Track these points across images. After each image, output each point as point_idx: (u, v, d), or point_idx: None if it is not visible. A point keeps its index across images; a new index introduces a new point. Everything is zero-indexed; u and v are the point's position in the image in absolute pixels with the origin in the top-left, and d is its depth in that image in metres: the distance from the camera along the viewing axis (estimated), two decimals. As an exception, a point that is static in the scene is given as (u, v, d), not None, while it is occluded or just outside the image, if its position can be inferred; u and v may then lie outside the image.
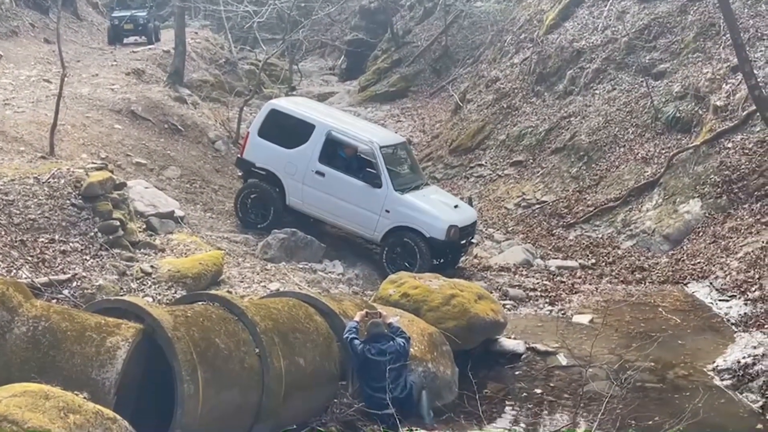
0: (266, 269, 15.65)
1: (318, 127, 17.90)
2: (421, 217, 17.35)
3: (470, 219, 18.37)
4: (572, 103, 25.43)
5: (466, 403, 10.91)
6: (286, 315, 10.40)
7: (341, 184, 17.63)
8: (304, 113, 18.44)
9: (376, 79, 39.07)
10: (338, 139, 17.92)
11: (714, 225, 18.72)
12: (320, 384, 10.46)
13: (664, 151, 21.56)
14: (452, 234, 17.26)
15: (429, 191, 18.66)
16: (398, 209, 17.39)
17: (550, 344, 14.47)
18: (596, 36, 26.43)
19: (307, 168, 17.77)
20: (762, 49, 21.51)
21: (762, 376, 12.73)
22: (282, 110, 18.54)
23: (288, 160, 17.98)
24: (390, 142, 18.92)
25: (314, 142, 17.79)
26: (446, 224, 17.25)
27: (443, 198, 18.77)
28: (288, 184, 18.00)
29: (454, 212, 17.96)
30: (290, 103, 19.64)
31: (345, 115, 21.79)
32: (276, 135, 18.15)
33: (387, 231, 17.45)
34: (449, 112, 31.50)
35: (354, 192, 17.55)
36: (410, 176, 19.00)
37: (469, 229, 18.21)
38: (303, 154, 17.85)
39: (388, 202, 17.38)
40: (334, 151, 17.93)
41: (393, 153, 18.89)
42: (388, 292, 13.78)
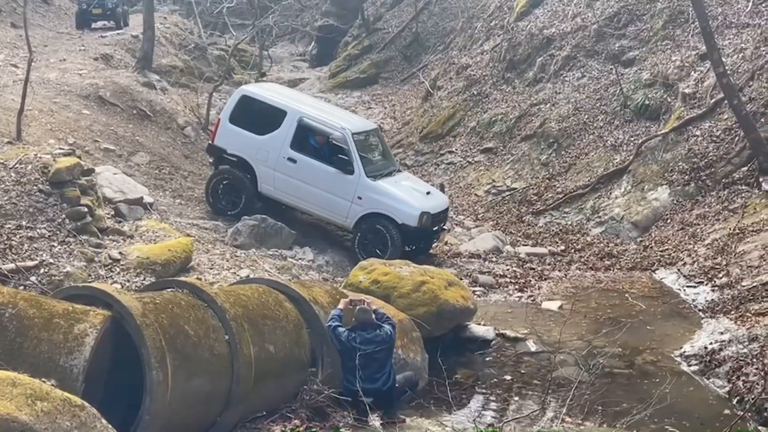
0: (236, 256, 15.59)
1: (289, 113, 17.79)
2: (393, 204, 17.30)
3: (442, 206, 18.34)
4: (542, 91, 25.51)
5: (436, 389, 10.95)
6: (255, 302, 10.35)
7: (313, 171, 17.54)
8: (275, 99, 18.32)
9: (346, 65, 39.02)
10: (310, 126, 17.79)
11: (682, 212, 18.87)
12: (290, 371, 10.43)
13: (633, 139, 21.69)
14: (424, 221, 17.22)
15: (401, 178, 18.60)
16: (370, 196, 17.33)
17: (519, 330, 14.54)
18: (566, 23, 26.51)
19: (279, 154, 17.68)
20: (730, 37, 21.67)
21: (728, 362, 12.85)
22: (253, 96, 18.43)
23: (259, 147, 17.88)
24: (362, 128, 18.79)
25: (286, 129, 17.70)
26: (418, 211, 17.20)
27: (415, 185, 18.69)
28: (260, 171, 17.90)
29: (426, 199, 17.88)
30: (262, 89, 19.51)
31: (317, 102, 21.66)
32: (247, 121, 18.03)
33: (359, 218, 17.39)
34: (420, 99, 31.50)
35: (326, 178, 17.46)
36: (382, 163, 18.92)
37: (441, 215, 18.18)
38: (274, 141, 17.76)
39: (360, 188, 17.33)
40: (305, 137, 17.83)
41: (365, 139, 18.77)
42: (359, 278, 13.78)
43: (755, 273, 15.23)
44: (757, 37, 21.02)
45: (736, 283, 15.27)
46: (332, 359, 10.68)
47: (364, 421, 10.16)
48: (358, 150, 17.65)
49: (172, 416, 8.68)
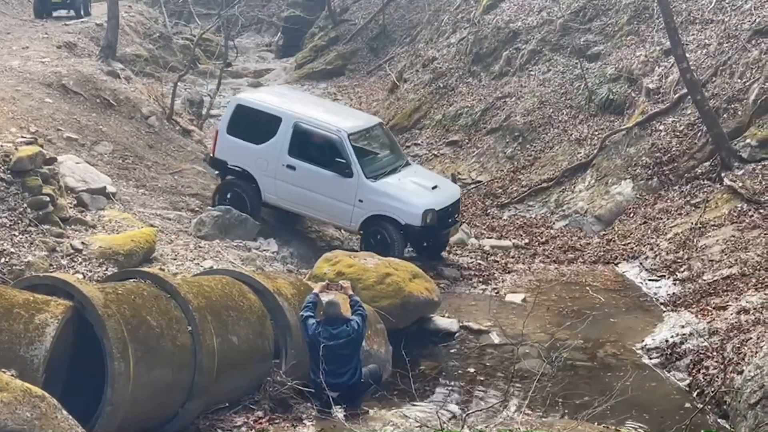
0: (200, 247, 15.51)
1: (284, 119, 17.19)
2: (394, 204, 16.61)
3: (450, 198, 17.48)
4: (508, 84, 25.58)
5: (400, 381, 10.95)
6: (219, 293, 10.32)
7: (313, 177, 16.94)
8: (270, 106, 17.72)
9: (313, 56, 38.87)
10: (306, 130, 17.13)
11: (645, 206, 19.02)
12: (253, 362, 10.41)
13: (597, 133, 21.83)
14: (429, 219, 16.52)
15: (407, 173, 17.67)
16: (371, 198, 16.67)
17: (483, 323, 14.62)
18: (532, 17, 26.59)
19: (278, 162, 17.09)
20: (694, 33, 21.85)
21: (689, 355, 13.00)
22: (248, 104, 17.85)
23: (258, 156, 17.32)
24: (361, 126, 18.09)
25: (282, 135, 17.10)
26: (421, 209, 16.50)
27: (421, 179, 17.69)
28: (262, 181, 17.35)
29: (430, 194, 17.10)
30: (256, 96, 18.99)
31: (318, 102, 20.95)
32: (245, 131, 17.48)
33: (363, 221, 16.76)
34: (386, 91, 31.47)
35: (326, 183, 16.85)
36: (386, 160, 18.06)
37: (450, 209, 17.34)
38: (272, 149, 17.19)
39: (361, 191, 16.68)
40: (303, 142, 17.17)
41: (366, 137, 18.22)
42: (323, 270, 13.78)
43: (716, 267, 15.40)
44: (721, 33, 21.20)
45: (697, 277, 15.43)
46: (296, 350, 10.67)
47: (327, 413, 10.17)
48: (358, 150, 17.06)
49: (133, 407, 8.66)
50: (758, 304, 13.12)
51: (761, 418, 10.51)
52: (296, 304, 11.02)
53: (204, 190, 19.18)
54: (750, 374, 11.22)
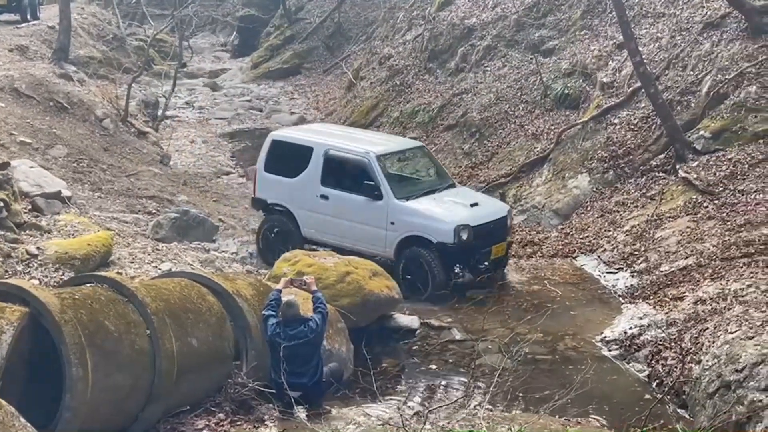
0: (158, 249, 15.39)
1: (315, 148, 16.75)
2: (424, 222, 15.75)
3: (492, 215, 16.37)
4: (464, 80, 25.68)
5: (361, 379, 10.94)
6: (177, 295, 10.25)
7: (345, 204, 16.42)
8: (302, 137, 17.45)
9: (269, 55, 38.83)
10: (337, 157, 16.68)
11: (601, 199, 19.16)
12: (214, 364, 10.35)
13: (553, 127, 21.97)
14: (464, 235, 15.42)
15: (447, 193, 16.80)
16: (401, 218, 15.89)
17: (443, 319, 14.64)
18: (487, 13, 26.72)
19: (313, 194, 16.67)
20: (647, 26, 22.06)
21: (648, 346, 13.11)
22: (283, 139, 17.57)
23: (294, 190, 16.94)
24: (395, 148, 17.65)
25: (315, 165, 16.67)
26: (452, 224, 15.46)
27: (460, 198, 16.72)
28: (299, 215, 16.92)
29: (466, 211, 16.06)
30: (290, 131, 18.87)
31: (353, 132, 20.49)
32: (281, 166, 17.10)
33: (397, 245, 15.92)
34: (343, 89, 31.49)
35: (358, 209, 16.25)
36: (424, 182, 17.41)
37: (492, 226, 16.12)
38: (306, 181, 16.76)
39: (392, 212, 15.95)
40: (334, 170, 16.72)
41: (400, 160, 17.74)
42: (282, 270, 13.72)
43: (672, 258, 15.54)
44: (673, 26, 21.43)
45: (654, 269, 15.56)
46: (257, 351, 10.64)
47: (289, 414, 10.15)
48: (389, 172, 16.52)
49: (93, 412, 8.59)
50: (714, 295, 13.25)
51: (719, 407, 10.63)
52: (256, 305, 10.99)
53: (161, 192, 19.07)
54: (708, 364, 11.36)
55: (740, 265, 13.96)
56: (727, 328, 11.75)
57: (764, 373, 10.28)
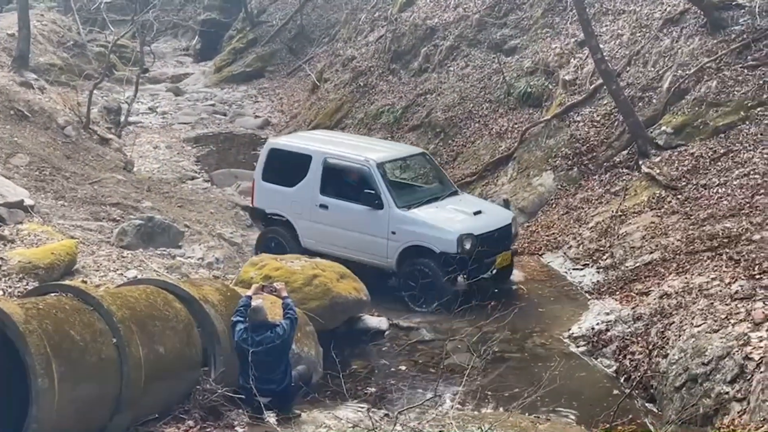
0: (123, 257, 15.26)
1: (314, 156, 16.42)
2: (426, 232, 15.35)
3: (496, 223, 15.96)
4: (427, 81, 25.73)
5: (331, 382, 10.95)
6: (143, 303, 10.17)
7: (345, 213, 16.08)
8: (301, 145, 17.11)
9: (231, 59, 38.70)
10: (336, 165, 16.43)
11: (566, 196, 19.27)
12: (182, 371, 10.28)
13: (517, 126, 22.05)
14: (467, 245, 15.05)
15: (450, 201, 16.44)
16: (403, 228, 15.52)
17: (412, 319, 14.67)
18: (448, 13, 26.79)
19: (312, 203, 16.36)
20: (607, 24, 22.23)
21: (615, 341, 13.21)
22: (281, 147, 17.27)
23: (293, 199, 16.61)
24: (395, 156, 17.48)
25: (313, 174, 16.35)
26: (455, 234, 15.10)
27: (463, 206, 16.33)
28: (298, 225, 16.60)
29: (470, 220, 15.71)
30: (288, 139, 18.57)
31: (352, 139, 20.06)
32: (278, 175, 16.82)
33: (399, 255, 15.57)
34: (307, 92, 31.44)
35: (358, 218, 15.92)
36: (426, 189, 17.26)
37: (496, 235, 15.75)
38: (305, 189, 16.45)
39: (393, 222, 15.59)
40: (334, 178, 16.47)
41: (401, 167, 17.59)
42: (250, 275, 13.68)
43: (637, 254, 15.66)
44: (633, 23, 21.61)
45: (619, 264, 15.68)
46: (225, 357, 10.58)
47: (259, 419, 10.13)
48: (390, 180, 16.34)
49: (60, 423, 8.51)
50: (680, 289, 13.37)
51: (687, 400, 10.74)
52: (223, 311, 10.94)
53: (125, 199, 18.91)
54: (674, 358, 11.47)
55: (704, 259, 14.10)
56: (693, 321, 11.86)
57: (730, 365, 10.39)
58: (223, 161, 27.09)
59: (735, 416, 9.77)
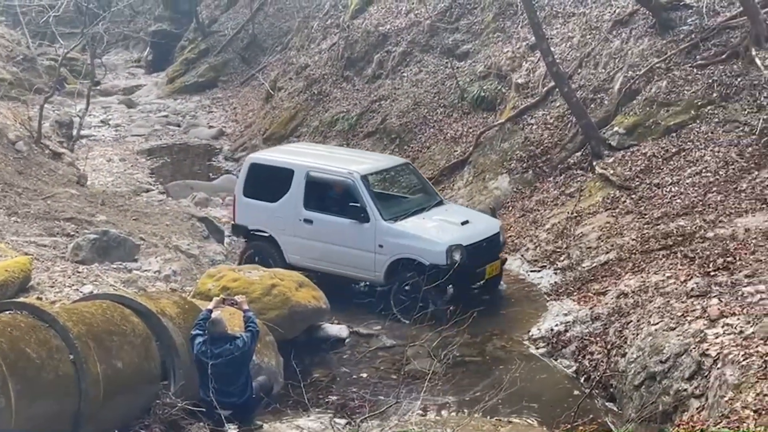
0: (78, 272, 15.10)
1: (297, 170, 16.16)
2: (414, 244, 15.11)
3: (484, 233, 15.70)
4: (381, 87, 25.77)
5: (292, 392, 10.92)
6: (100, 318, 10.08)
7: (331, 228, 15.79)
8: (282, 159, 16.82)
9: (184, 69, 38.52)
10: (319, 179, 16.13)
11: (522, 199, 19.37)
12: (141, 386, 10.20)
13: (471, 130, 22.15)
14: (456, 256, 14.82)
15: (436, 212, 16.18)
16: (390, 241, 15.26)
17: (372, 326, 14.67)
18: (400, 20, 26.87)
19: (296, 218, 16.08)
20: (558, 27, 22.41)
21: (574, 342, 13.30)
22: (262, 162, 16.99)
23: (276, 215, 16.34)
24: (380, 167, 17.14)
25: (296, 188, 16.09)
26: (444, 245, 14.87)
27: (450, 216, 16.07)
28: (282, 241, 16.30)
29: (458, 230, 15.46)
30: (269, 153, 18.27)
31: (334, 151, 19.81)
32: (260, 191, 16.58)
33: (387, 268, 15.32)
34: (261, 101, 31.34)
35: (344, 232, 15.63)
36: (411, 200, 16.97)
37: (485, 244, 15.55)
38: (288, 205, 16.18)
39: (379, 235, 15.31)
40: (318, 192, 16.17)
41: (385, 179, 17.38)
42: (207, 286, 13.60)
43: (594, 254, 15.79)
44: (583, 25, 21.80)
45: (576, 265, 15.80)
46: (184, 370, 10.50)
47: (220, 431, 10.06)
48: (376, 192, 16.13)
49: (18, 442, 8.41)
50: (636, 288, 13.50)
51: (646, 399, 10.84)
52: (181, 323, 10.87)
53: (79, 214, 18.69)
54: (633, 356, 11.57)
55: (660, 257, 14.25)
56: (650, 320, 11.97)
57: (687, 362, 10.50)
58: (178, 173, 26.92)
59: (694, 413, 9.87)
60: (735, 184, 15.83)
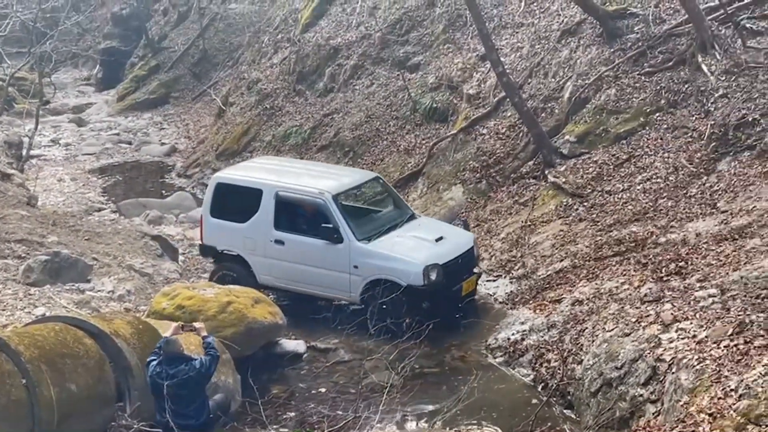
0: (30, 294, 14.90)
1: (265, 190, 15.78)
2: (390, 265, 14.80)
3: (458, 250, 15.41)
4: (334, 100, 25.78)
5: (250, 409, 10.84)
6: (53, 341, 9.96)
7: (303, 248, 15.44)
8: (249, 178, 16.36)
9: (134, 87, 38.26)
10: (289, 199, 15.76)
11: (476, 209, 19.44)
12: (96, 408, 10.11)
13: (424, 141, 22.22)
14: (433, 276, 14.62)
15: (409, 227, 15.89)
16: (365, 262, 14.96)
17: (330, 341, 14.63)
18: (351, 32, 26.91)
19: (266, 239, 15.73)
20: (507, 37, 22.56)
21: (531, 350, 13.36)
22: (228, 182, 16.53)
23: (245, 236, 15.97)
24: (350, 184, 16.55)
25: (266, 209, 15.71)
26: (420, 266, 14.60)
27: (423, 233, 15.78)
28: (253, 262, 15.98)
29: (433, 248, 15.20)
30: (235, 171, 17.58)
31: (302, 166, 19.09)
32: (228, 211, 16.19)
33: (363, 290, 15.03)
34: (213, 116, 31.21)
35: (317, 253, 15.28)
36: (384, 217, 16.50)
37: (461, 261, 15.28)
38: (258, 225, 15.81)
39: (354, 255, 15.02)
40: (288, 212, 15.79)
41: (357, 195, 17.03)
42: (162, 305, 13.46)
43: (548, 262, 15.90)
44: (532, 35, 21.97)
45: (531, 274, 15.89)
46: (140, 391, 10.41)
47: (177, 453, 9.98)
48: (349, 210, 15.74)
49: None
50: (591, 295, 13.60)
51: (603, 405, 10.92)
52: (136, 344, 10.78)
53: (30, 235, 18.43)
54: (589, 363, 11.65)
55: (613, 264, 14.38)
56: (605, 326, 12.07)
57: (643, 368, 10.59)
58: (131, 191, 26.68)
59: (650, 418, 9.96)
60: (685, 190, 16.04)
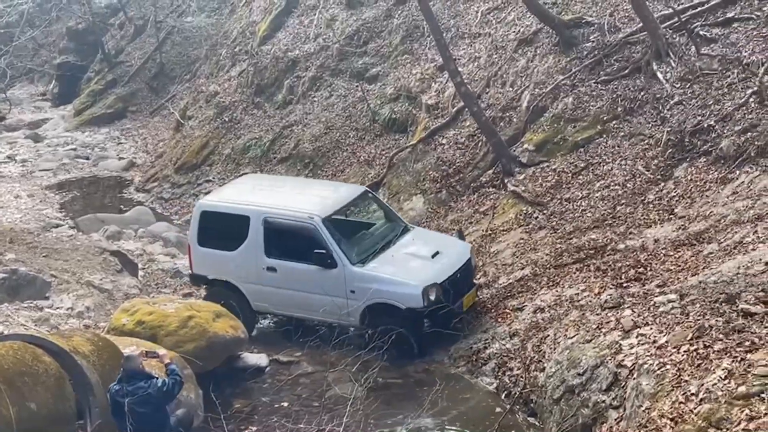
0: (-13, 313, 14.73)
1: (252, 217, 15.21)
2: (388, 289, 14.26)
3: (458, 263, 14.90)
4: (293, 113, 25.75)
5: (212, 424, 10.75)
6: (11, 360, 9.85)
7: (297, 275, 14.91)
8: (234, 204, 15.69)
9: (91, 101, 37.89)
10: (278, 225, 15.16)
11: (437, 219, 19.48)
12: (56, 426, 10.01)
13: (384, 152, 22.25)
14: (432, 296, 14.12)
15: (403, 243, 15.33)
16: (362, 286, 14.34)
17: (293, 353, 14.58)
18: (309, 44, 26.90)
19: (258, 266, 15.23)
20: (464, 47, 22.66)
21: (493, 359, 13.41)
22: (213, 210, 15.85)
23: (236, 264, 15.47)
24: (341, 203, 15.82)
25: (254, 236, 15.18)
26: (419, 288, 14.10)
27: (418, 248, 15.24)
28: (247, 290, 15.46)
29: (430, 266, 14.69)
30: (219, 198, 16.68)
31: (287, 185, 18.57)
32: (216, 239, 15.62)
33: (362, 314, 14.51)
34: (171, 130, 31.01)
35: (311, 279, 14.66)
36: (377, 234, 15.74)
37: (459, 275, 14.74)
38: (248, 253, 15.30)
39: (350, 280, 14.46)
40: (278, 238, 15.19)
41: (347, 213, 16.36)
42: (122, 321, 13.38)
43: (509, 270, 15.95)
44: (489, 45, 22.08)
45: (493, 282, 15.92)
46: (100, 409, 10.31)
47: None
48: (341, 231, 15.07)
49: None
50: (552, 302, 13.67)
51: (566, 412, 10.94)
52: (96, 361, 10.69)
53: (-13, 254, 18.22)
54: (551, 370, 11.68)
55: (573, 271, 14.46)
56: (566, 333, 12.12)
57: (604, 374, 10.64)
58: (89, 206, 26.41)
59: (613, 424, 10.01)
60: (643, 196, 16.19)
